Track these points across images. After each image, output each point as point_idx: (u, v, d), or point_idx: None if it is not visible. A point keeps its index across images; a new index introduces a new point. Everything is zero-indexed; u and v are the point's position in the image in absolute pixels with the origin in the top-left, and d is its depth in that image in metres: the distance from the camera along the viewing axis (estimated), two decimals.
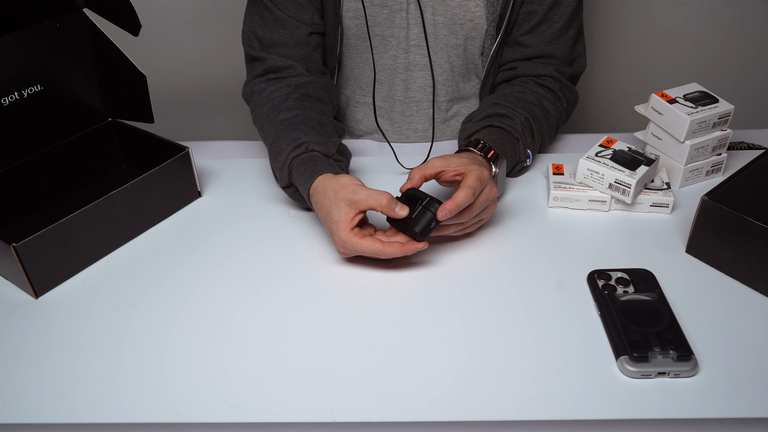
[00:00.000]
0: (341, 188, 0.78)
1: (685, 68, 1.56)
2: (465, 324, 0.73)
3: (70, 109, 0.94)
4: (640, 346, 0.67)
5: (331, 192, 0.79)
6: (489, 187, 0.80)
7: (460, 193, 0.76)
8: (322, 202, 0.80)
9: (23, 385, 0.68)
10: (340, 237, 0.78)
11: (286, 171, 0.86)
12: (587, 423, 0.64)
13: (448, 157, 0.82)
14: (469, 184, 0.76)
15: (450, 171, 0.80)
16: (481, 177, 0.78)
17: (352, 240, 0.77)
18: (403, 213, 0.76)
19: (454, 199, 0.75)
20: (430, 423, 0.64)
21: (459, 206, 0.75)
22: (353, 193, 0.77)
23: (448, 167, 0.80)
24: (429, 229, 0.76)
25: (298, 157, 0.85)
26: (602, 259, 0.81)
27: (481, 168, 0.79)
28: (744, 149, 1.01)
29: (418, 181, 0.79)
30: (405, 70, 1.06)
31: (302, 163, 0.84)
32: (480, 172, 0.78)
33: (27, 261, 0.75)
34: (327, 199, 0.79)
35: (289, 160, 0.85)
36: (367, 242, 0.77)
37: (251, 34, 1.00)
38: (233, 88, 1.53)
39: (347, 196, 0.77)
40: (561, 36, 0.98)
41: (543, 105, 0.97)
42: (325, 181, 0.81)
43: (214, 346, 0.72)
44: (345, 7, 1.00)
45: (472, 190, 0.76)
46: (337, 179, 0.80)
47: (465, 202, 0.76)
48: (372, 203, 0.76)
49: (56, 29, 0.88)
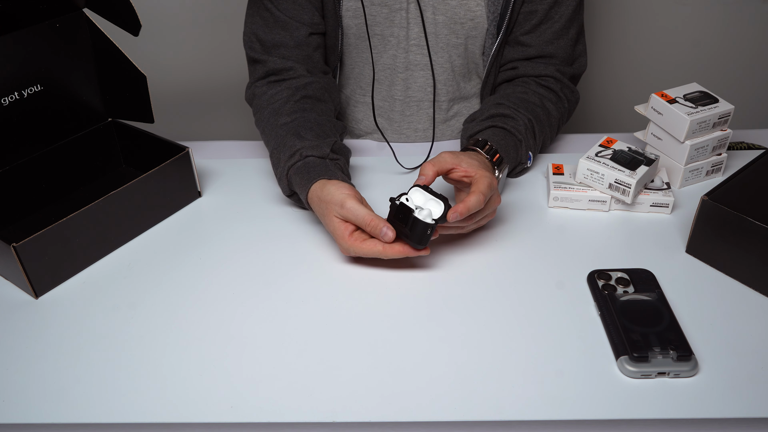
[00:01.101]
0: (330, 201, 0.79)
1: (685, 68, 1.56)
2: (465, 324, 0.73)
3: (70, 109, 0.94)
4: (640, 346, 0.67)
5: (324, 203, 0.80)
6: (495, 196, 0.81)
7: (472, 198, 0.76)
8: (318, 210, 0.82)
9: (23, 385, 0.68)
10: (341, 245, 0.79)
11: (285, 182, 0.87)
12: (587, 423, 0.64)
13: (459, 154, 0.82)
14: (481, 190, 0.77)
15: (460, 170, 0.80)
16: (492, 185, 0.79)
17: (353, 246, 0.78)
18: (390, 235, 0.76)
19: (466, 203, 0.76)
20: (430, 423, 0.64)
21: (470, 210, 0.76)
22: (341, 207, 0.78)
23: (459, 165, 0.80)
24: (426, 237, 0.76)
25: (293, 166, 0.86)
26: (602, 259, 0.81)
27: (491, 176, 0.80)
28: (744, 149, 1.01)
29: (432, 178, 0.79)
30: (405, 69, 1.06)
31: (298, 171, 0.85)
32: (491, 180, 0.79)
33: (27, 261, 0.75)
34: (321, 208, 0.81)
35: (286, 170, 0.86)
36: (368, 245, 0.77)
37: (252, 35, 1.00)
38: (233, 88, 1.53)
39: (336, 210, 0.79)
40: (562, 36, 0.98)
41: (545, 106, 0.97)
42: (317, 190, 0.82)
43: (214, 346, 0.72)
44: (345, 7, 1.00)
45: (483, 197, 0.76)
46: (327, 188, 0.80)
47: (476, 208, 0.76)
48: (359, 222, 0.77)
49: (56, 29, 0.88)
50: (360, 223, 0.78)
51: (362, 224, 0.77)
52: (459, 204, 0.75)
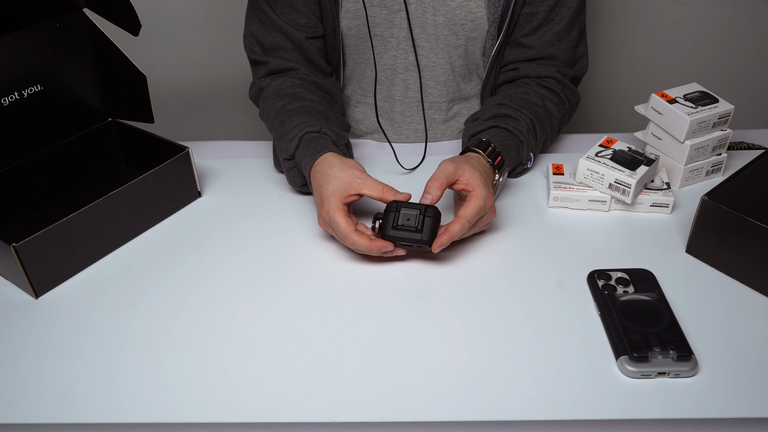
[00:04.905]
0: (353, 166, 0.83)
1: (685, 68, 1.56)
2: (465, 324, 0.73)
3: (70, 109, 0.94)
4: (640, 346, 0.67)
5: (341, 163, 0.82)
6: (488, 214, 0.81)
7: (456, 225, 0.77)
8: (326, 171, 0.82)
9: (23, 385, 0.68)
10: (329, 203, 0.79)
11: (295, 142, 0.88)
12: (587, 423, 0.64)
13: (461, 163, 0.82)
14: (467, 217, 0.77)
15: (461, 183, 0.81)
16: (483, 208, 0.79)
17: (335, 211, 0.79)
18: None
19: (449, 232, 0.77)
20: (430, 423, 0.64)
21: (452, 239, 0.77)
22: (362, 175, 0.82)
23: (461, 178, 0.81)
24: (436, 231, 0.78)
25: (310, 133, 0.88)
26: (602, 259, 0.81)
27: (487, 195, 0.79)
28: (744, 149, 1.01)
29: (438, 198, 0.80)
30: (405, 70, 1.06)
31: (314, 139, 0.87)
32: (483, 202, 0.79)
33: (27, 261, 0.75)
34: (334, 168, 0.82)
35: (302, 132, 0.88)
36: (343, 220, 0.78)
37: (251, 37, 1.01)
38: (233, 88, 1.53)
39: (356, 172, 0.82)
40: (563, 37, 0.98)
41: (547, 106, 0.97)
42: (336, 156, 0.84)
43: (214, 346, 0.72)
44: (344, 8, 1.00)
45: (468, 223, 0.77)
46: (348, 161, 0.84)
47: (458, 235, 0.78)
48: (375, 193, 0.80)
49: (56, 29, 0.88)
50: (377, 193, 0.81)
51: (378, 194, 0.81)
52: (443, 235, 0.77)
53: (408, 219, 0.77)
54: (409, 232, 0.77)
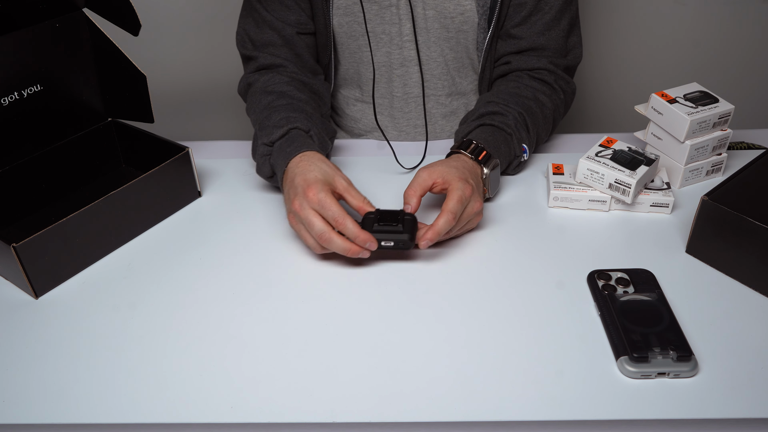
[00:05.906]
0: (340, 173, 0.82)
1: (685, 68, 1.56)
2: (465, 324, 0.73)
3: (70, 109, 0.94)
4: (640, 346, 0.67)
5: (329, 163, 0.83)
6: (472, 203, 0.81)
7: (441, 220, 0.77)
8: (312, 161, 0.82)
9: (23, 385, 0.68)
10: (317, 186, 0.78)
11: (282, 131, 0.88)
12: (587, 423, 0.64)
13: (435, 167, 0.83)
14: (449, 209, 0.78)
15: (438, 184, 0.82)
16: (463, 197, 0.79)
17: (325, 193, 0.78)
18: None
19: (435, 228, 0.77)
20: (429, 423, 0.64)
21: (439, 234, 0.77)
22: (348, 181, 0.81)
23: (436, 180, 0.82)
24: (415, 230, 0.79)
25: (299, 130, 0.88)
26: (602, 259, 0.81)
27: (464, 185, 0.80)
28: (744, 149, 1.01)
29: (417, 205, 0.81)
30: (400, 66, 1.06)
31: (301, 137, 0.87)
32: (462, 192, 0.79)
33: (27, 261, 0.75)
34: (321, 163, 0.82)
35: (292, 126, 0.88)
36: (334, 202, 0.77)
37: (244, 34, 1.02)
38: (233, 88, 1.52)
39: (343, 176, 0.82)
40: (553, 27, 0.98)
41: (538, 98, 0.97)
42: (323, 157, 0.84)
43: (214, 346, 0.72)
44: (335, 5, 1.00)
45: (453, 215, 0.78)
46: (336, 167, 0.84)
47: (445, 229, 0.78)
48: (356, 202, 0.81)
49: (56, 29, 0.88)
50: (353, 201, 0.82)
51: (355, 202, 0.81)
52: (428, 231, 0.77)
53: (388, 218, 0.78)
54: (390, 226, 0.78)
